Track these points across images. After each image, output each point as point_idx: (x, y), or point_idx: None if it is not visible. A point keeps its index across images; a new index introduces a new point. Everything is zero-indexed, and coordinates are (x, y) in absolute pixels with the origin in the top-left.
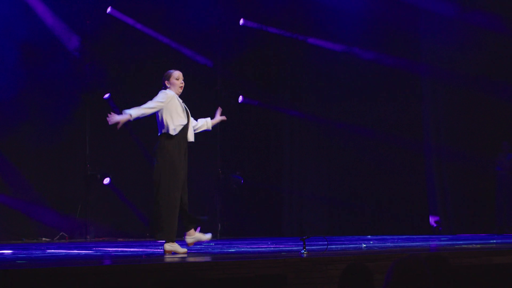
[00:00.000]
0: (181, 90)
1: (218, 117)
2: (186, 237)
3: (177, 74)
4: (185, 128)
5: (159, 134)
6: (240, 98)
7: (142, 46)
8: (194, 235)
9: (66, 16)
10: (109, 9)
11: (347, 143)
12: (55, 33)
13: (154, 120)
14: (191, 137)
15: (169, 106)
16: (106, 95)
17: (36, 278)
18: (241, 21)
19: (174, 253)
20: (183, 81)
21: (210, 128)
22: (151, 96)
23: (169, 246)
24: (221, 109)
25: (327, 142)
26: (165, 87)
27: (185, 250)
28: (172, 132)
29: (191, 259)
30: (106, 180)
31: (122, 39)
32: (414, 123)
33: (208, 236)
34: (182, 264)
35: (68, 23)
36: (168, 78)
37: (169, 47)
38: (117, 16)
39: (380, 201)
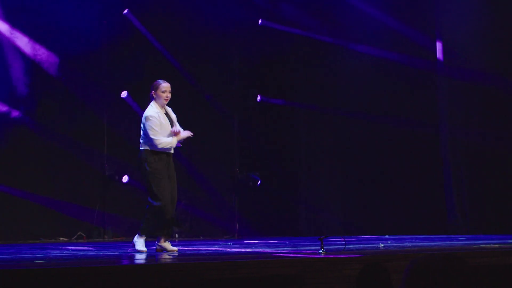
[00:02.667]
0: (165, 102)
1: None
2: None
3: (164, 87)
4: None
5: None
6: (258, 97)
7: (158, 40)
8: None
9: (81, 15)
10: (125, 11)
11: (364, 143)
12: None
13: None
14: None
15: None
16: (124, 94)
17: (53, 277)
18: (260, 21)
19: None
20: (169, 94)
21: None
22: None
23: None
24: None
25: (344, 142)
26: (152, 97)
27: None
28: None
29: (208, 259)
30: (125, 178)
31: (138, 37)
32: (430, 120)
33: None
34: (199, 264)
35: (84, 23)
36: (155, 89)
37: (187, 46)
38: (131, 19)
39: (398, 201)
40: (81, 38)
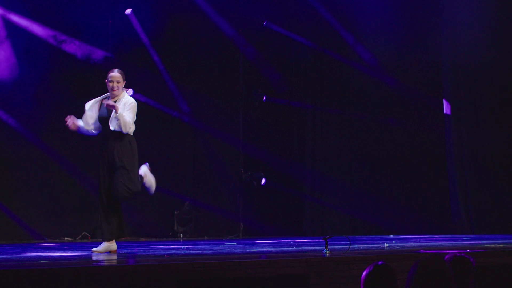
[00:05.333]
0: (113, 92)
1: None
2: None
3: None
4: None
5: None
6: (264, 97)
7: (163, 42)
8: None
9: (87, 15)
10: (128, 11)
11: (369, 143)
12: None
13: (174, 121)
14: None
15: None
16: (130, 92)
17: (58, 277)
18: (265, 23)
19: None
20: (115, 84)
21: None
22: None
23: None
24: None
25: (349, 142)
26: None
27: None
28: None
29: (214, 259)
30: None
31: (140, 38)
32: (436, 121)
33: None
34: (204, 264)
35: (90, 23)
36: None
37: (191, 46)
38: (132, 20)
39: (403, 201)
40: (86, 36)
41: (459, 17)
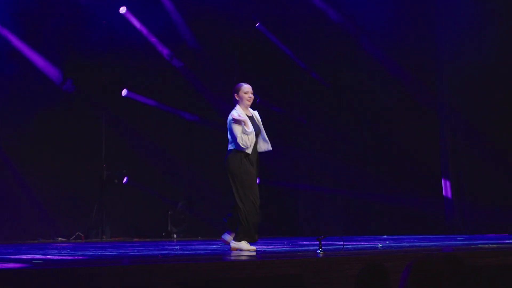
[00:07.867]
0: (248, 103)
1: None
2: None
3: (246, 88)
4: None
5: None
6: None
7: (162, 40)
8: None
9: (83, 16)
10: (124, 10)
11: (363, 143)
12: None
13: (168, 121)
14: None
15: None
16: (124, 92)
17: (52, 278)
18: (257, 24)
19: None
20: (252, 95)
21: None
22: (168, 90)
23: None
24: None
25: (343, 142)
26: (235, 101)
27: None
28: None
29: (208, 259)
30: (124, 179)
31: (138, 37)
32: (430, 122)
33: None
34: (199, 264)
35: (86, 23)
36: (237, 91)
37: (184, 46)
38: (129, 18)
39: (396, 201)
40: (81, 38)
41: (455, 17)
